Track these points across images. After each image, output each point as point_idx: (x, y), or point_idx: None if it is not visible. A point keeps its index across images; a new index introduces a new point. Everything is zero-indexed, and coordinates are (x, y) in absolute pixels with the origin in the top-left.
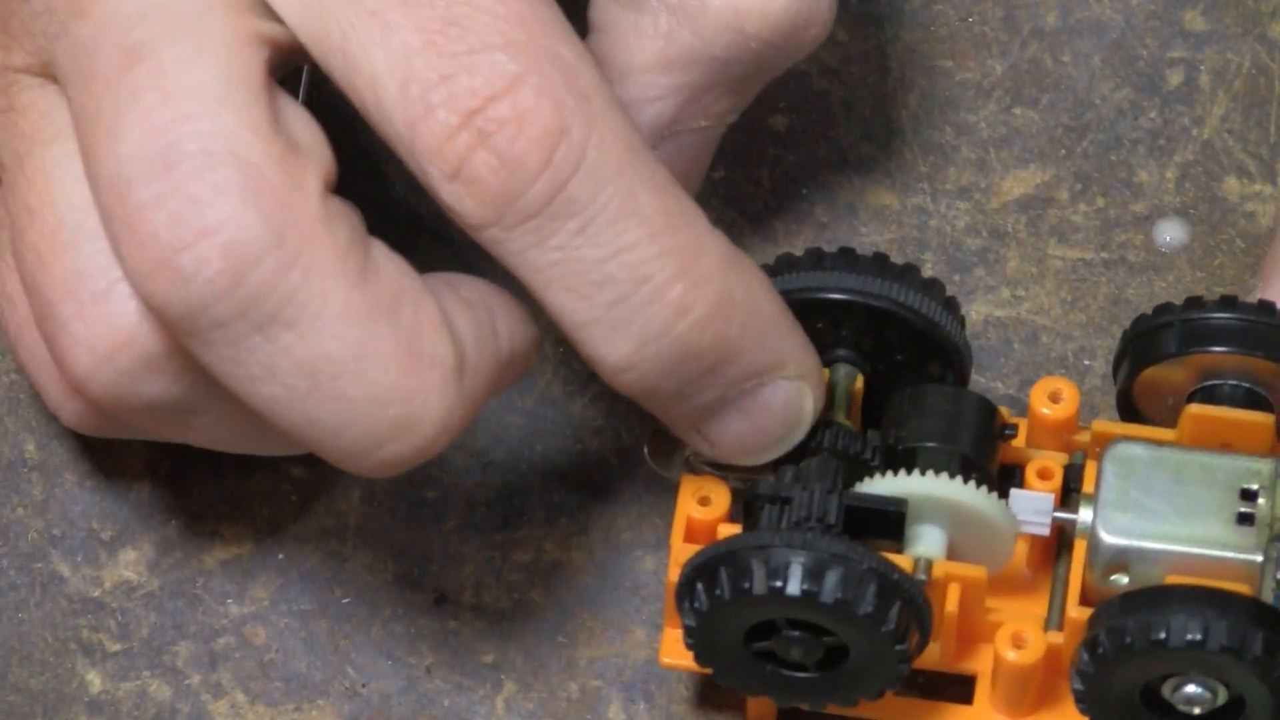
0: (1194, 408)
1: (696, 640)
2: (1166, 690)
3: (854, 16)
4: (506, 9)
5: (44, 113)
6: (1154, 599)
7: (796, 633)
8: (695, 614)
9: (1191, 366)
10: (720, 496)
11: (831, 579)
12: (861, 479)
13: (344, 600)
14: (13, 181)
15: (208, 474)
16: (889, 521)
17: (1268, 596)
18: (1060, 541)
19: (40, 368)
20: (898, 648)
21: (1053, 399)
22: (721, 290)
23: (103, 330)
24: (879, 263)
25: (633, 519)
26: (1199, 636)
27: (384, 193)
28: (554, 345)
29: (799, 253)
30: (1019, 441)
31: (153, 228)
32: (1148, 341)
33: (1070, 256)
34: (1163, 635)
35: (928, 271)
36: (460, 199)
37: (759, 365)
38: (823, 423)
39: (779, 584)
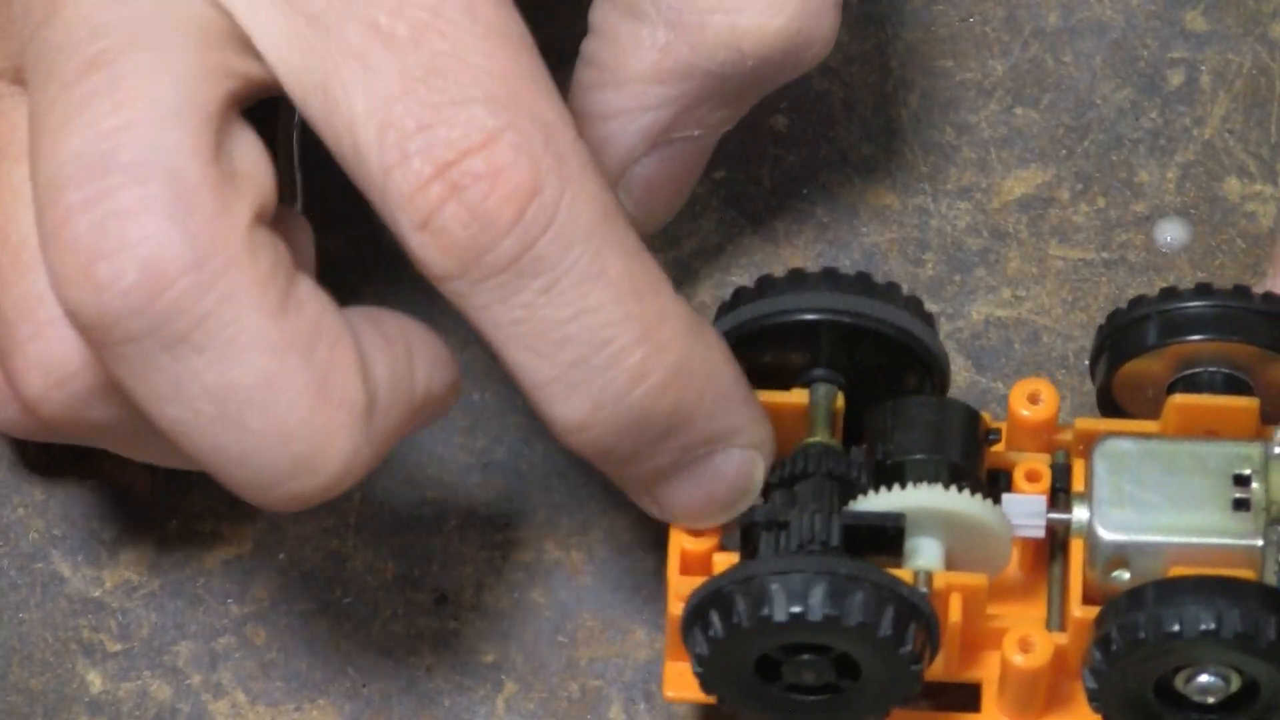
0: (1178, 397)
1: (708, 680)
2: (1180, 682)
3: (854, 16)
4: (490, 62)
5: (14, 125)
6: (1162, 592)
7: (805, 656)
8: (700, 660)
9: (1170, 357)
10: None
11: (816, 596)
12: (855, 497)
13: (345, 600)
14: None
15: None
16: (888, 537)
17: (1271, 580)
18: (1052, 542)
19: None
20: (902, 651)
21: (1031, 400)
22: (681, 358)
23: (57, 355)
24: (831, 278)
25: (633, 519)
26: (1213, 626)
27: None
28: None
29: (799, 254)
30: (999, 445)
31: (76, 232)
32: (1125, 336)
33: (1071, 256)
34: (1176, 628)
35: (929, 272)
36: (427, 249)
37: (713, 433)
38: (806, 446)
39: (766, 613)
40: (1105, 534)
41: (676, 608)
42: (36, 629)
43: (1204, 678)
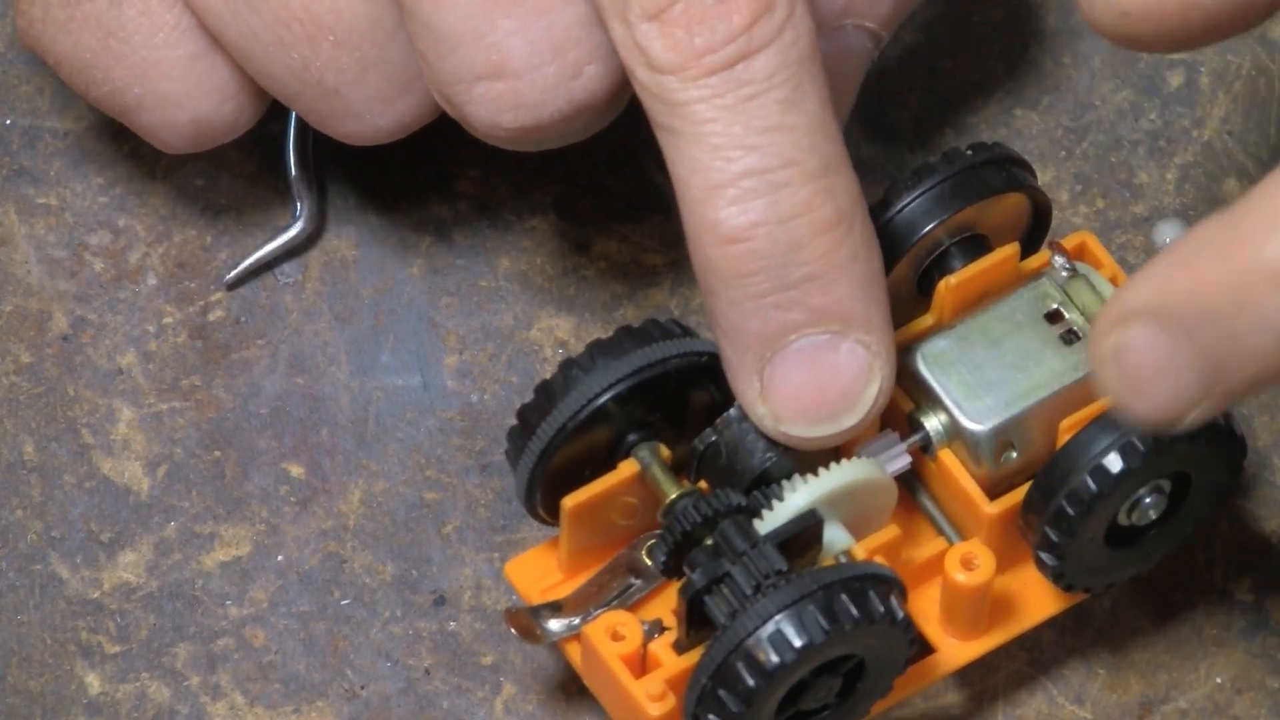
0: (950, 279)
1: None
2: (1124, 517)
3: None
4: None
5: None
6: (1082, 445)
7: (811, 680)
8: None
9: (910, 258)
10: (626, 624)
11: (811, 620)
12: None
13: (343, 602)
14: None
15: (207, 475)
16: (811, 535)
17: None
18: (901, 477)
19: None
20: (896, 622)
21: None
22: (849, 207)
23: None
24: (596, 352)
25: None
26: (1152, 442)
27: (388, 190)
28: (553, 348)
29: None
30: None
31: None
32: None
33: None
34: (1122, 465)
35: None
36: (652, 40)
37: (849, 310)
38: (673, 505)
39: (775, 661)
40: (981, 426)
41: (656, 708)
42: (35, 630)
43: (1146, 499)
